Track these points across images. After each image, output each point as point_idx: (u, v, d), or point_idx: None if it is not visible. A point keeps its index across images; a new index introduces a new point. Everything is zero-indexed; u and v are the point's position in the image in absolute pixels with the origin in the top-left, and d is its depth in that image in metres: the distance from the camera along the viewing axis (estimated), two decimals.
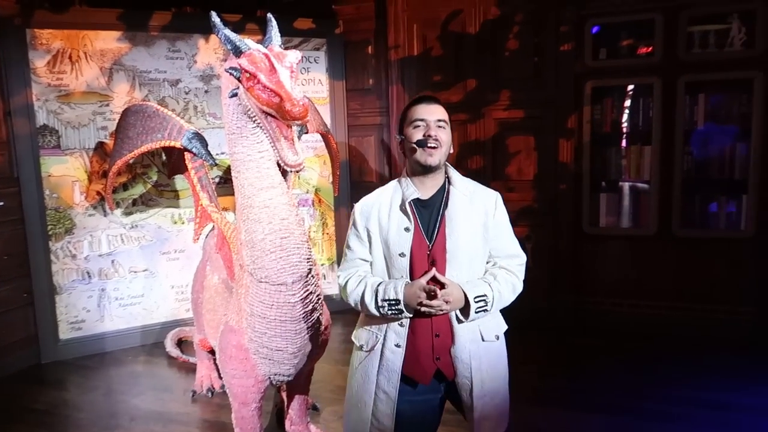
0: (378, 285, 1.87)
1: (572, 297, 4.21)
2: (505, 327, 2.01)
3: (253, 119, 1.98)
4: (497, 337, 1.95)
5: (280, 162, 2.01)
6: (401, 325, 1.89)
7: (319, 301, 2.29)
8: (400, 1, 4.49)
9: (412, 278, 1.86)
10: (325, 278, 4.90)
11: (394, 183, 1.99)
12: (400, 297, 1.82)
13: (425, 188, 1.92)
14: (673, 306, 4.04)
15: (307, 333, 2.25)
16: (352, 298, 1.93)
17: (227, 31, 1.97)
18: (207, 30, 4.17)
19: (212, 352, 3.25)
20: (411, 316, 1.86)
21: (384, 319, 1.90)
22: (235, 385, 2.41)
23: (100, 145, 4.01)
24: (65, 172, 3.96)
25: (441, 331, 1.89)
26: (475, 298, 1.83)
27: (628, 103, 4.07)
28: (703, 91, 3.88)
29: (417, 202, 1.92)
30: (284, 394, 2.94)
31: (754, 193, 3.79)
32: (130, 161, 3.38)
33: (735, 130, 3.89)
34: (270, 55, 1.90)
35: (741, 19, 3.74)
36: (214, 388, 3.42)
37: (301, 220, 2.19)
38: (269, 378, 2.40)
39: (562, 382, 3.39)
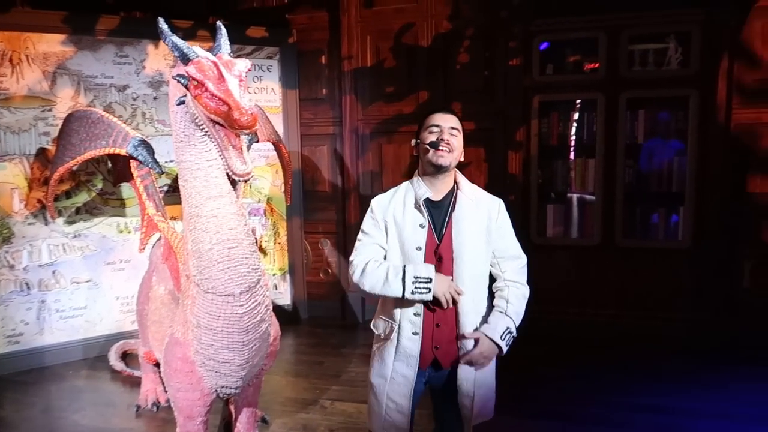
0: (404, 266, 2.01)
1: None
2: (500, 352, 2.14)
3: (201, 127, 1.95)
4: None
5: (228, 171, 1.99)
6: (416, 314, 2.06)
7: (268, 312, 2.27)
8: (353, 13, 4.53)
9: None
10: (276, 288, 4.85)
11: (406, 184, 2.16)
12: (432, 276, 1.97)
13: (436, 190, 2.08)
14: (616, 314, 4.18)
15: (255, 344, 2.22)
16: (371, 279, 2.03)
17: (175, 38, 1.95)
18: (156, 36, 4.03)
19: (158, 365, 3.16)
20: (431, 300, 2.00)
21: (400, 306, 2.06)
22: (181, 399, 2.35)
23: (42, 152, 3.87)
24: (4, 179, 3.80)
25: (442, 323, 2.07)
26: (502, 336, 2.02)
27: (574, 117, 4.20)
28: (644, 107, 4.06)
29: (428, 202, 2.08)
30: (232, 407, 2.89)
31: (690, 205, 3.97)
32: (74, 168, 3.27)
33: (673, 145, 4.07)
34: (219, 63, 1.89)
35: (677, 40, 3.93)
36: (159, 403, 3.33)
37: (250, 229, 2.17)
38: (216, 391, 2.35)
39: (510, 390, 3.43)
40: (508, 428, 3.04)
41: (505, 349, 2.04)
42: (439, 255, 2.04)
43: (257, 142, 3.06)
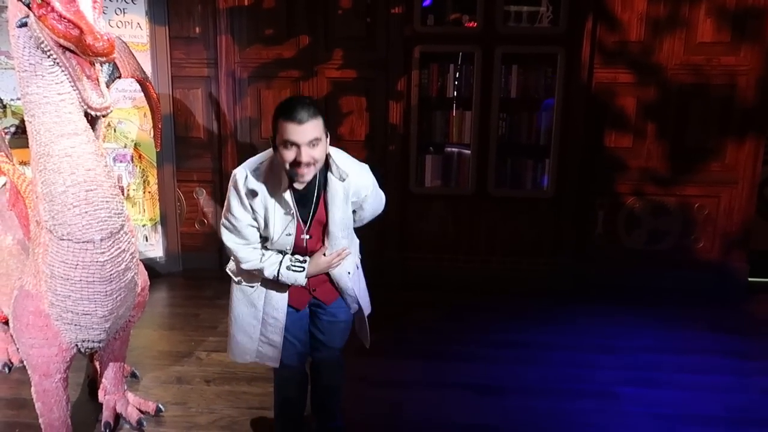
0: (281, 258, 2.14)
1: (399, 253, 4.42)
2: (359, 257, 2.38)
3: (48, 54, 1.74)
4: (357, 267, 2.34)
5: (83, 104, 1.80)
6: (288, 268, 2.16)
7: (134, 260, 2.13)
8: None
9: (293, 252, 2.16)
10: (147, 240, 4.58)
11: (267, 162, 2.06)
12: (307, 258, 2.15)
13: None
14: (486, 260, 4.43)
15: (120, 294, 2.08)
16: (248, 266, 2.15)
17: None
18: None
19: (7, 322, 2.88)
20: (303, 282, 2.17)
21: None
22: (35, 356, 2.16)
23: None
24: None
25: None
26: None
27: (452, 69, 4.28)
28: (516, 63, 4.22)
29: (295, 194, 2.08)
30: (97, 363, 2.72)
31: (554, 157, 4.25)
32: None
33: (541, 100, 4.30)
34: None
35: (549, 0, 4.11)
36: (12, 363, 3.06)
37: (110, 170, 2.00)
38: (76, 345, 2.19)
39: (388, 333, 3.57)
40: (382, 369, 3.17)
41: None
42: (310, 234, 2.16)
43: (119, 77, 2.78)
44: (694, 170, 4.31)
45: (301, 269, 2.14)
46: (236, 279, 2.25)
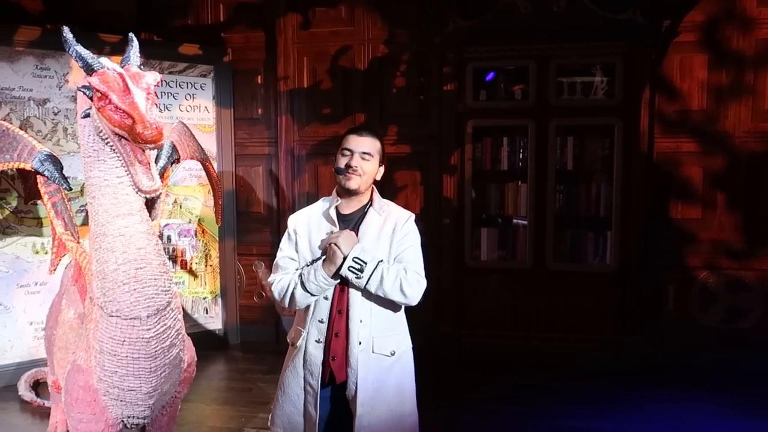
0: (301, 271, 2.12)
1: (453, 329, 4.30)
2: (408, 345, 2.21)
3: (105, 141, 1.87)
4: (392, 353, 2.13)
5: (134, 188, 1.90)
6: (321, 321, 2.10)
7: (179, 336, 2.15)
8: (290, 34, 4.51)
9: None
10: (207, 312, 4.68)
11: (323, 199, 2.26)
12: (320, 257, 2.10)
13: (348, 205, 2.17)
14: (545, 337, 4.22)
15: (164, 371, 2.10)
16: (278, 289, 2.13)
17: (80, 48, 1.86)
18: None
19: None
20: (333, 280, 2.06)
21: (312, 311, 2.12)
22: (83, 430, 2.19)
23: None
24: None
25: (341, 333, 2.10)
26: (354, 258, 2.03)
27: (506, 142, 4.27)
28: (572, 135, 4.17)
29: (339, 215, 2.16)
30: None
31: (616, 229, 4.08)
32: None
33: (599, 171, 4.19)
34: (125, 75, 1.81)
35: (603, 71, 4.08)
36: None
37: (160, 248, 2.07)
38: (122, 421, 2.20)
39: (439, 415, 3.41)
40: None
41: (344, 268, 2.03)
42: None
43: (178, 159, 2.95)
44: None
45: (320, 262, 2.08)
46: (289, 339, 2.24)
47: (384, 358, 2.11)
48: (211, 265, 4.68)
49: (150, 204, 2.38)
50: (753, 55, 3.97)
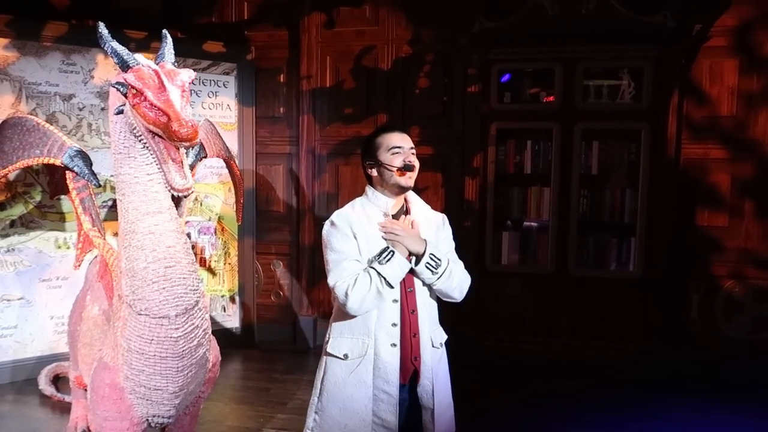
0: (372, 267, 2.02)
1: (474, 333, 4.25)
2: (446, 336, 2.24)
3: (139, 138, 1.85)
4: (441, 345, 2.20)
5: (167, 186, 1.88)
6: (393, 325, 2.05)
7: (206, 336, 2.14)
8: (314, 33, 4.49)
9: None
10: (224, 310, 4.68)
11: (361, 199, 2.16)
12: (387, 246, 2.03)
13: (393, 205, 2.13)
14: (567, 343, 4.16)
15: (191, 371, 2.09)
16: (357, 293, 1.98)
17: (115, 44, 1.85)
18: None
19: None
20: (406, 265, 2.02)
21: (377, 318, 2.05)
22: (108, 429, 2.18)
23: None
24: None
25: (417, 332, 2.09)
26: (431, 254, 2.04)
27: (529, 145, 4.22)
28: (597, 139, 4.11)
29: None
30: None
31: (641, 236, 4.02)
32: (7, 178, 3.09)
33: (625, 176, 4.13)
34: (160, 72, 1.80)
35: (630, 75, 4.02)
36: (89, 430, 3.11)
37: (189, 247, 2.05)
38: (147, 420, 2.19)
39: (459, 421, 3.36)
40: None
41: (421, 264, 2.02)
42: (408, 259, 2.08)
43: (205, 157, 2.94)
44: None
45: (391, 253, 2.00)
46: (341, 354, 2.08)
47: (437, 350, 2.17)
48: (230, 264, 4.68)
49: (176, 202, 2.36)
50: None
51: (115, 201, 4.01)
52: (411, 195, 2.21)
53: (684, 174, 4.07)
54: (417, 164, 2.10)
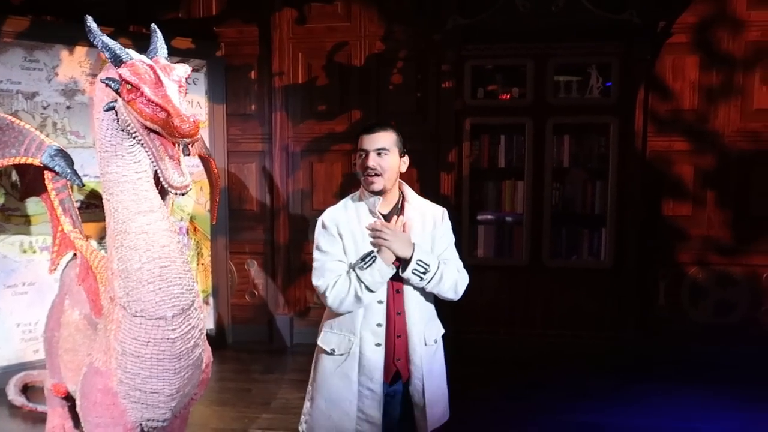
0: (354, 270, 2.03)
1: (451, 326, 4.28)
2: (443, 331, 2.25)
3: (134, 135, 1.79)
4: (435, 341, 2.18)
5: (164, 183, 1.83)
6: (378, 325, 2.06)
7: (202, 336, 2.10)
8: (285, 29, 4.45)
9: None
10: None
11: (354, 197, 2.16)
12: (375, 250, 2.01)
13: (384, 204, 2.11)
14: (543, 333, 4.26)
15: (188, 372, 2.05)
16: (335, 295, 2.02)
17: (105, 38, 1.79)
18: (71, 40, 3.83)
19: (67, 398, 2.85)
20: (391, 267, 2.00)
21: (363, 317, 2.06)
22: None
23: None
24: None
25: (402, 333, 2.09)
26: (418, 260, 2.00)
27: (503, 140, 4.29)
28: (568, 133, 4.22)
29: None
30: None
31: (611, 227, 4.15)
32: None
33: (594, 169, 4.25)
34: (156, 67, 1.75)
35: (598, 70, 4.13)
36: None
37: (182, 246, 2.01)
38: (140, 425, 2.14)
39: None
40: None
41: (408, 270, 2.00)
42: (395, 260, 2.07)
43: (188, 155, 2.87)
44: (760, 239, 4.14)
45: (373, 259, 1.98)
46: (329, 348, 2.13)
47: (431, 347, 2.16)
48: (203, 264, 4.59)
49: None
50: (742, 56, 4.07)
51: (84, 203, 3.90)
52: (408, 192, 2.19)
53: (650, 166, 4.21)
54: (385, 164, 2.03)
